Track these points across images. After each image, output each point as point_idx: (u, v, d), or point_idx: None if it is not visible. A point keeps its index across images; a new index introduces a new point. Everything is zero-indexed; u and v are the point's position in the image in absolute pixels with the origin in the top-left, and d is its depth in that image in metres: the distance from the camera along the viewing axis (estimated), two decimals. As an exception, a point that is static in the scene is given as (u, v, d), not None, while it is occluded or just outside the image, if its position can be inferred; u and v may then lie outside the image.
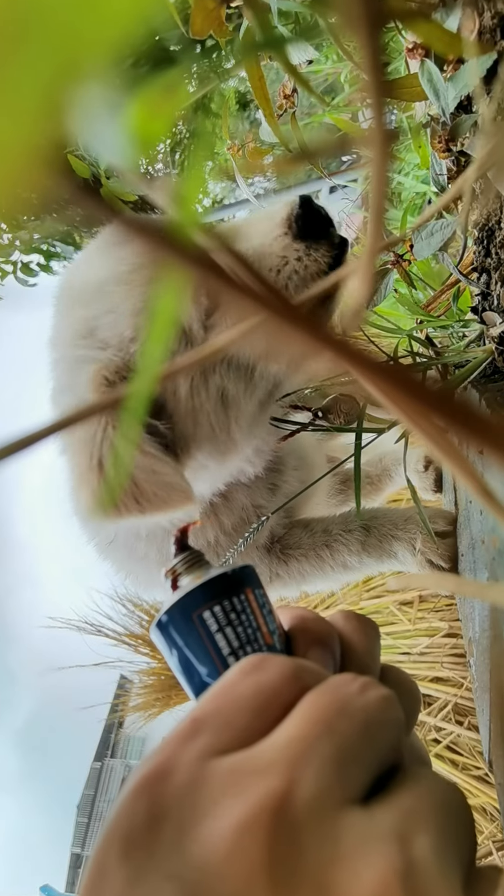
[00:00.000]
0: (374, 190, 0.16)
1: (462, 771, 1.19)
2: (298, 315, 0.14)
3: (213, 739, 0.22)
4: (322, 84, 1.70)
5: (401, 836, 0.19)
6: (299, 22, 0.58)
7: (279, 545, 0.76)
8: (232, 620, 0.28)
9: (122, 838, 0.19)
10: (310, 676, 0.24)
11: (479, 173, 0.41)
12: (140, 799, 0.20)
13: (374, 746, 0.22)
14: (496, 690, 0.47)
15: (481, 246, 0.60)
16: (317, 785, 0.19)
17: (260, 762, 0.20)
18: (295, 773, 0.20)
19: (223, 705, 0.23)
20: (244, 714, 0.22)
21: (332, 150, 0.42)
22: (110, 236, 0.60)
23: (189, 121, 2.85)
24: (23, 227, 1.99)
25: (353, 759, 0.21)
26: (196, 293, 0.54)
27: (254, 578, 0.30)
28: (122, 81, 0.12)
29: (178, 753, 0.21)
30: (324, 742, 0.20)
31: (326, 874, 0.18)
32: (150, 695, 1.88)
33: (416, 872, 0.18)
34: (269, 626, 0.28)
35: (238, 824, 0.19)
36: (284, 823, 0.18)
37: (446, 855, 0.19)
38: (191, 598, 0.28)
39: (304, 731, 0.21)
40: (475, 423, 0.14)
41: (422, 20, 0.41)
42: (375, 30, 0.13)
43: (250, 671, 0.24)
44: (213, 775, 0.20)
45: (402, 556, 0.71)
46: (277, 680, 0.23)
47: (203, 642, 0.27)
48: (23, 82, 0.08)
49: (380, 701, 0.22)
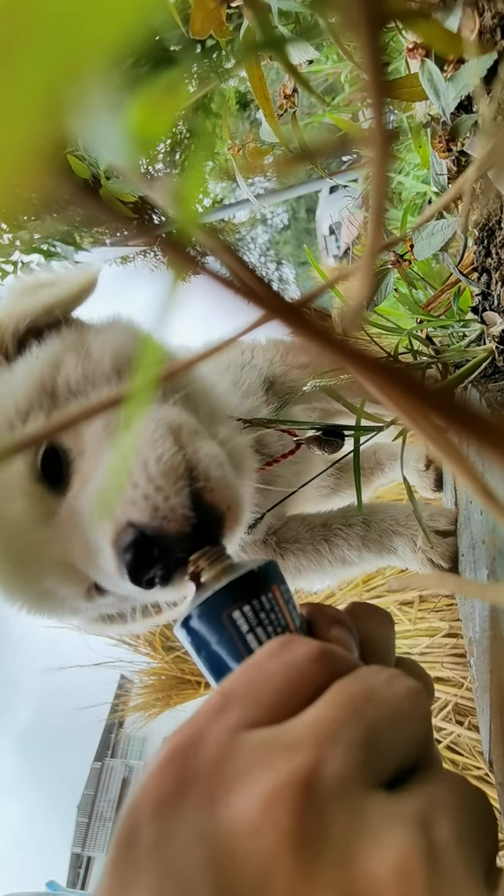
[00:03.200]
0: (375, 190, 0.16)
1: (462, 771, 1.19)
2: (299, 316, 0.14)
3: (243, 714, 0.22)
4: (322, 84, 1.70)
5: (425, 820, 0.19)
6: (299, 22, 0.58)
7: (275, 538, 0.76)
8: (262, 620, 0.28)
9: (153, 800, 0.20)
10: (337, 660, 0.25)
11: (479, 173, 0.41)
12: (170, 766, 0.21)
13: (401, 736, 0.22)
14: (496, 690, 0.47)
15: (481, 246, 0.60)
16: (344, 765, 0.20)
17: (289, 739, 0.21)
18: (323, 751, 0.20)
19: (252, 682, 0.24)
20: (272, 691, 0.23)
21: (333, 149, 0.42)
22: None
23: (189, 121, 2.85)
24: (23, 227, 1.99)
25: (380, 746, 0.21)
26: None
27: (278, 574, 0.30)
28: (122, 81, 0.12)
29: (208, 726, 0.22)
30: (352, 726, 0.21)
31: (351, 846, 0.18)
32: (150, 695, 1.88)
33: (438, 854, 0.18)
34: (295, 622, 0.29)
35: (268, 794, 0.19)
36: (312, 797, 0.19)
37: (469, 846, 0.19)
38: (220, 598, 0.28)
39: (332, 713, 0.22)
40: (475, 423, 0.14)
41: (422, 20, 0.41)
42: (376, 30, 0.13)
43: (278, 651, 0.25)
44: (243, 748, 0.21)
45: (403, 551, 0.71)
46: (304, 660, 0.24)
47: (234, 642, 0.27)
48: (23, 82, 0.08)
49: (407, 693, 0.23)
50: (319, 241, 10.42)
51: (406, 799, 0.20)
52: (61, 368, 0.51)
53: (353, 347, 0.14)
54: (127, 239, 2.10)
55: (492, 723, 0.50)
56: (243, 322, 0.16)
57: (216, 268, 0.14)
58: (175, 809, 0.20)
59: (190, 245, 0.14)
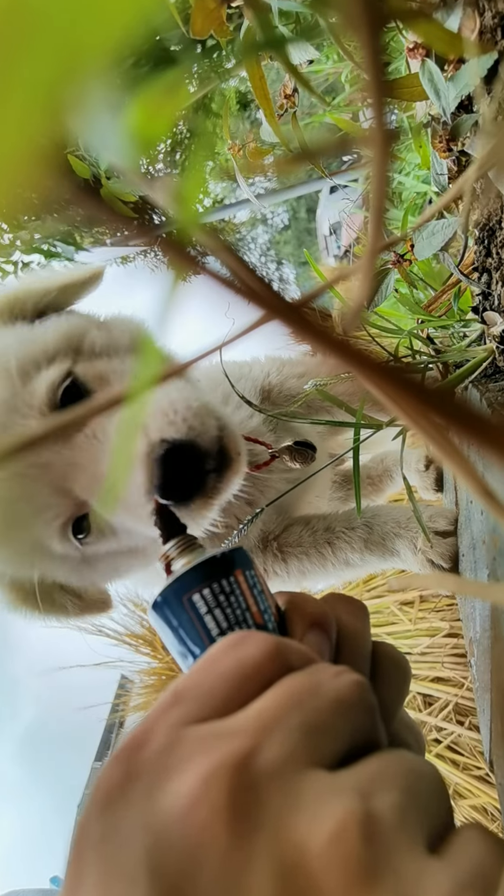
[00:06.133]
0: (375, 190, 0.16)
1: (463, 771, 1.18)
2: (299, 316, 0.14)
3: (191, 709, 0.23)
4: (323, 84, 1.70)
5: (362, 791, 0.19)
6: (300, 22, 0.58)
7: (276, 543, 0.76)
8: (221, 602, 0.28)
9: (99, 799, 0.21)
10: (293, 655, 0.25)
11: (479, 173, 0.41)
12: (117, 764, 0.21)
13: (344, 722, 0.22)
14: (497, 690, 0.47)
15: (482, 245, 0.60)
16: (281, 748, 0.20)
17: (230, 727, 0.21)
18: (261, 737, 0.21)
19: (204, 678, 0.24)
20: (223, 687, 0.23)
21: (333, 149, 0.42)
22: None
23: (189, 121, 2.85)
24: (23, 227, 1.99)
25: (321, 731, 0.22)
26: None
27: (245, 560, 0.30)
28: (122, 81, 0.12)
29: (157, 722, 0.22)
30: (292, 714, 0.21)
31: (285, 819, 0.19)
32: (150, 695, 1.88)
33: (374, 821, 0.18)
34: (259, 606, 0.29)
35: (202, 776, 0.20)
36: (246, 776, 0.19)
37: (409, 814, 0.19)
38: (182, 582, 0.29)
39: (274, 703, 0.22)
40: (475, 423, 0.14)
41: (422, 20, 0.41)
42: (376, 30, 0.13)
43: (232, 647, 0.25)
44: (186, 739, 0.21)
45: (404, 554, 0.71)
46: (258, 656, 0.24)
47: (194, 624, 0.28)
48: (24, 82, 0.08)
49: (351, 685, 0.23)
50: (320, 241, 10.41)
51: (345, 774, 0.20)
52: (87, 334, 0.56)
53: (354, 348, 0.14)
54: (127, 239, 2.10)
55: (492, 723, 0.50)
56: (243, 322, 0.16)
57: (216, 268, 0.14)
58: (120, 803, 0.20)
59: (190, 245, 0.14)
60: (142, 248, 5.17)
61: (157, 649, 1.86)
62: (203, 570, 0.29)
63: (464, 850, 0.19)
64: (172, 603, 0.29)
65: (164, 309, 0.14)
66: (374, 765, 0.21)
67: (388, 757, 0.22)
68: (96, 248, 1.98)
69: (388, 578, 1.30)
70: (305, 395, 0.65)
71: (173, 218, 0.15)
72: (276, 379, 0.81)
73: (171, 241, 0.14)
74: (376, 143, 0.14)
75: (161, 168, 3.61)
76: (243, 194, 0.92)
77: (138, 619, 1.91)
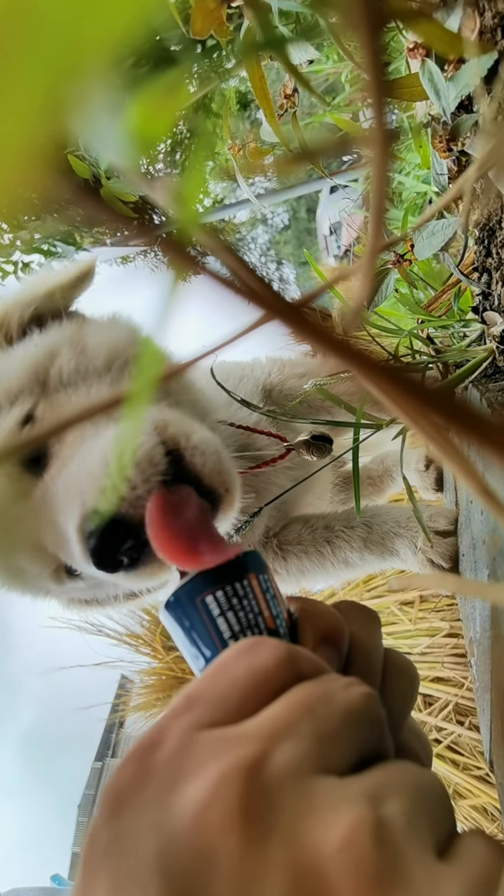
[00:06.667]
0: (375, 190, 0.16)
1: (463, 771, 1.18)
2: (299, 316, 0.14)
3: (204, 714, 0.23)
4: (323, 84, 1.70)
5: (372, 798, 0.20)
6: (300, 22, 0.58)
7: (276, 541, 0.76)
8: (234, 605, 0.28)
9: (111, 799, 0.21)
10: (304, 664, 0.25)
11: (479, 173, 0.41)
12: (130, 766, 0.22)
13: (353, 733, 0.23)
14: (497, 690, 0.47)
15: (482, 245, 0.60)
16: (292, 754, 0.21)
17: (243, 733, 0.22)
18: (273, 743, 0.21)
19: (216, 684, 0.24)
20: (235, 693, 0.24)
21: (333, 149, 0.42)
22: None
23: (189, 121, 2.85)
24: (23, 227, 1.99)
25: (331, 739, 0.22)
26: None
27: (259, 563, 0.30)
28: (122, 81, 0.12)
29: (170, 725, 0.23)
30: (304, 722, 0.22)
31: (298, 824, 0.19)
32: (151, 694, 1.88)
33: (387, 827, 0.18)
34: (272, 611, 0.29)
35: (214, 779, 0.20)
36: (258, 780, 0.20)
37: (418, 821, 0.20)
38: (195, 583, 0.29)
39: (286, 710, 0.22)
40: (475, 423, 0.14)
41: (423, 20, 0.41)
42: (376, 30, 0.13)
43: (244, 653, 0.25)
44: (199, 743, 0.22)
45: (404, 553, 0.71)
46: (270, 663, 0.24)
47: (206, 626, 0.28)
48: (24, 82, 0.08)
49: (361, 697, 0.24)
50: (320, 241, 10.42)
51: (356, 781, 0.21)
52: (56, 360, 0.53)
53: (354, 347, 0.14)
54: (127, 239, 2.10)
55: (492, 723, 0.50)
56: (243, 322, 0.16)
57: (216, 268, 0.14)
58: (132, 804, 0.20)
59: (190, 245, 0.14)
60: (142, 248, 5.17)
61: (157, 649, 1.86)
62: (217, 571, 0.29)
63: (470, 856, 0.19)
64: (185, 604, 0.29)
65: (164, 309, 0.14)
66: (382, 774, 0.21)
67: (395, 767, 0.22)
68: (96, 248, 1.98)
69: (388, 578, 1.30)
70: (304, 394, 0.65)
71: (173, 218, 0.15)
72: (277, 378, 0.81)
73: (171, 241, 0.14)
74: (376, 143, 0.14)
75: (161, 168, 3.61)
76: (243, 194, 0.92)
77: (138, 619, 1.91)
